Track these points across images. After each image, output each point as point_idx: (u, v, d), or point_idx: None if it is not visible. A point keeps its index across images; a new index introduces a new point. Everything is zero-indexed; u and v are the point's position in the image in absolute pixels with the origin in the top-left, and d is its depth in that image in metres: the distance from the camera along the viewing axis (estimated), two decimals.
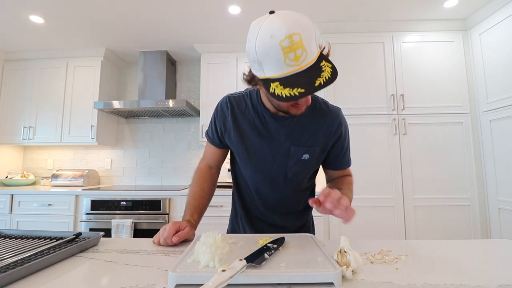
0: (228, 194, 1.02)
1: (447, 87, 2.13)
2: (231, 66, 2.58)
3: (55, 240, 0.68)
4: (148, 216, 2.16)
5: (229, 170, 0.96)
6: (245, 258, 0.48)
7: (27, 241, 0.67)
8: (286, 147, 0.80)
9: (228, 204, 1.00)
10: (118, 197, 2.20)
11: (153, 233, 0.74)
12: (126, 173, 2.88)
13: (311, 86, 0.58)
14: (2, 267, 0.48)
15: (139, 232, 2.13)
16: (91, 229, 2.17)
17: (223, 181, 2.31)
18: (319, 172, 0.94)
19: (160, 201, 2.18)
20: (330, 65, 0.60)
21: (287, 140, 0.80)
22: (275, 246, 0.59)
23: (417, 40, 2.20)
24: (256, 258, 0.50)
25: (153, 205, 2.18)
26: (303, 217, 0.94)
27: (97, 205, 2.20)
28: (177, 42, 2.58)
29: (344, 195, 0.64)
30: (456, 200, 2.04)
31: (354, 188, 0.89)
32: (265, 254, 0.53)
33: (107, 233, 2.09)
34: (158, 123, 2.93)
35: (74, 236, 0.69)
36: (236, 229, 0.96)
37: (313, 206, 0.64)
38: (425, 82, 2.14)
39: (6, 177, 2.68)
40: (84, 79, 2.65)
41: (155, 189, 2.29)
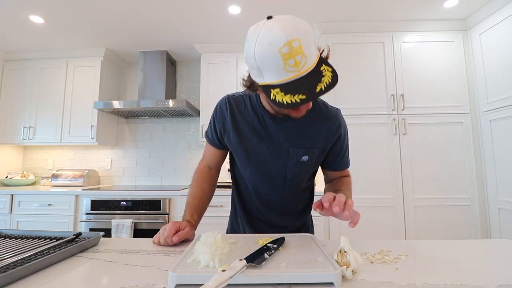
0: (228, 194, 1.02)
1: (447, 87, 2.13)
2: (231, 66, 2.59)
3: (55, 240, 0.68)
4: (148, 216, 2.16)
5: (229, 170, 0.96)
6: (245, 258, 0.48)
7: (27, 241, 0.67)
8: (285, 148, 0.80)
9: (228, 204, 1.00)
10: (118, 197, 2.20)
11: (153, 233, 0.74)
12: (126, 173, 2.88)
13: (312, 92, 0.57)
14: (2, 267, 0.48)
15: (139, 232, 2.13)
16: (91, 229, 2.17)
17: (223, 181, 2.31)
18: (318, 172, 0.94)
19: (160, 201, 2.18)
20: (330, 69, 0.60)
21: (287, 142, 0.80)
22: (275, 246, 0.59)
23: (417, 40, 2.20)
24: (256, 258, 0.50)
25: (153, 205, 2.18)
26: (302, 217, 0.95)
27: (97, 205, 2.20)
28: (177, 42, 2.58)
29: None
30: (456, 200, 2.04)
31: (354, 188, 0.89)
32: (265, 254, 0.53)
33: (107, 233, 2.09)
34: (158, 123, 2.93)
35: (74, 236, 0.69)
36: (236, 229, 0.96)
37: (317, 211, 0.64)
38: (425, 82, 2.14)
39: (6, 177, 2.68)
40: (84, 79, 2.65)
41: (155, 189, 2.29)
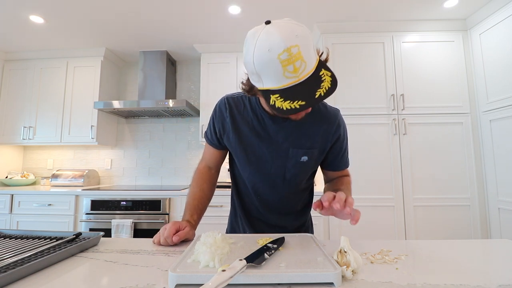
0: (228, 194, 1.02)
1: (447, 87, 2.13)
2: (231, 66, 2.59)
3: (55, 240, 0.68)
4: (148, 216, 2.16)
5: (229, 170, 0.96)
6: (245, 258, 0.48)
7: (27, 241, 0.67)
8: (285, 149, 0.80)
9: (228, 204, 1.00)
10: (118, 197, 2.20)
11: (153, 233, 0.74)
12: (126, 173, 2.88)
13: (311, 99, 0.57)
14: (2, 267, 0.48)
15: (139, 232, 2.13)
16: (91, 229, 2.17)
17: (223, 181, 2.31)
18: (318, 172, 0.94)
19: (160, 201, 2.18)
20: (329, 73, 0.60)
21: (286, 142, 0.80)
22: (275, 246, 0.59)
23: (417, 40, 2.19)
24: (256, 258, 0.50)
25: (153, 205, 2.18)
26: (302, 217, 0.95)
27: (97, 205, 2.20)
28: (177, 42, 2.58)
29: None
30: (456, 200, 2.04)
31: (354, 188, 0.90)
32: (265, 254, 0.53)
33: (107, 233, 2.09)
34: (158, 123, 2.93)
35: (74, 236, 0.69)
36: (235, 229, 0.96)
37: (317, 211, 0.64)
38: (425, 82, 2.14)
39: (6, 177, 2.68)
40: (84, 79, 2.65)
41: (155, 189, 2.29)
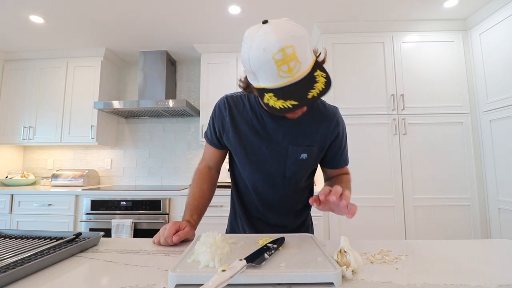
0: (228, 194, 1.02)
1: (447, 87, 2.13)
2: (231, 66, 2.59)
3: (55, 240, 0.68)
4: (148, 216, 2.16)
5: (229, 170, 0.96)
6: (245, 258, 0.48)
7: (27, 241, 0.67)
8: (284, 146, 0.80)
9: (228, 204, 1.00)
10: (118, 197, 2.20)
11: (153, 233, 0.74)
12: (126, 173, 2.88)
13: (304, 99, 0.58)
14: (2, 267, 0.48)
15: (139, 232, 2.13)
16: (91, 229, 2.17)
17: (223, 181, 2.31)
18: (318, 172, 0.94)
19: (160, 201, 2.18)
20: (324, 75, 0.61)
21: (285, 140, 0.80)
22: (275, 246, 0.59)
23: (417, 40, 2.19)
24: (256, 258, 0.50)
25: (153, 205, 2.18)
26: (302, 216, 0.95)
27: (97, 205, 2.20)
28: (177, 42, 2.58)
29: None
30: (456, 200, 2.04)
31: (354, 188, 0.90)
32: (265, 254, 0.53)
33: (107, 233, 2.09)
34: (158, 123, 2.93)
35: (74, 236, 0.69)
36: (235, 229, 0.96)
37: (313, 205, 0.64)
38: (425, 82, 2.14)
39: (6, 177, 2.68)
40: (84, 79, 2.65)
41: (155, 189, 2.29)
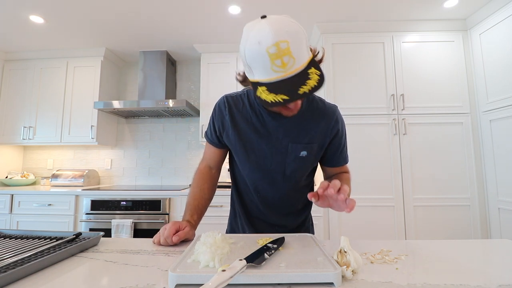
0: (228, 194, 1.02)
1: (447, 87, 2.13)
2: (231, 66, 2.58)
3: (55, 240, 0.68)
4: (148, 216, 2.16)
5: (229, 170, 0.97)
6: (245, 258, 0.48)
7: (27, 241, 0.67)
8: (284, 144, 0.81)
9: (228, 204, 1.00)
10: (118, 197, 2.20)
11: (153, 233, 0.74)
12: (126, 173, 2.88)
13: (294, 94, 0.59)
14: (2, 267, 0.48)
15: (139, 232, 2.13)
16: (91, 229, 2.17)
17: (223, 181, 2.31)
18: (319, 172, 0.94)
19: (160, 201, 2.18)
20: (318, 73, 0.61)
21: (285, 138, 0.80)
22: (275, 246, 0.59)
23: (417, 40, 2.19)
24: (256, 258, 0.50)
25: (153, 205, 2.18)
26: (302, 216, 0.95)
27: (97, 205, 2.20)
28: (177, 42, 2.58)
29: None
30: (456, 200, 2.04)
31: (354, 188, 0.90)
32: (265, 254, 0.53)
33: (107, 233, 2.09)
34: (158, 123, 2.93)
35: (74, 236, 0.69)
36: (235, 229, 0.96)
37: (312, 200, 0.64)
38: (425, 82, 2.14)
39: (6, 177, 2.68)
40: (84, 79, 2.65)
41: (155, 189, 2.29)
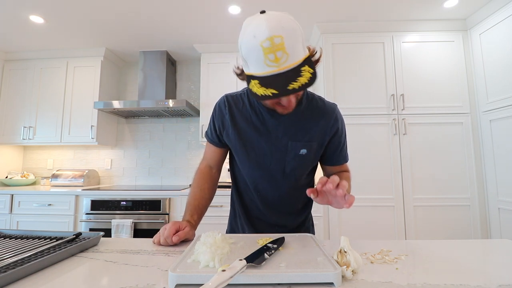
0: (228, 194, 1.02)
1: (447, 87, 2.13)
2: (231, 66, 2.53)
3: (55, 240, 0.68)
4: (148, 216, 2.16)
5: (229, 170, 0.97)
6: (245, 258, 0.48)
7: (27, 241, 0.67)
8: (284, 142, 0.81)
9: (228, 204, 1.00)
10: (118, 197, 2.20)
11: (153, 233, 0.74)
12: (126, 173, 2.88)
13: (284, 89, 0.60)
14: (2, 267, 0.48)
15: (139, 232, 2.13)
16: (91, 229, 2.17)
17: (223, 181, 2.31)
18: (319, 171, 0.94)
19: (160, 201, 2.18)
20: (311, 71, 0.62)
21: (285, 136, 0.81)
22: (275, 246, 0.59)
23: (417, 40, 2.19)
24: (256, 258, 0.50)
25: (153, 205, 2.18)
26: (302, 216, 0.95)
27: (97, 205, 2.20)
28: (177, 42, 2.57)
29: None
30: (456, 200, 2.04)
31: (354, 188, 0.90)
32: (265, 254, 0.53)
33: (107, 233, 2.09)
34: (158, 123, 2.93)
35: (74, 236, 0.69)
36: (235, 229, 0.96)
37: (311, 196, 0.64)
38: (425, 82, 2.14)
39: (6, 177, 2.68)
40: (84, 79, 2.65)
41: (155, 189, 2.29)
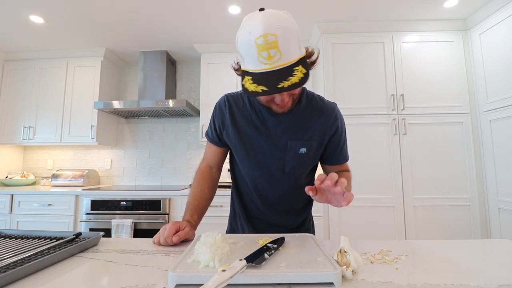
0: (228, 194, 1.02)
1: (447, 87, 2.13)
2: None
3: (55, 240, 0.68)
4: (148, 216, 2.16)
5: (229, 170, 0.97)
6: (245, 258, 0.48)
7: (27, 241, 0.67)
8: (284, 141, 0.81)
9: (228, 204, 1.00)
10: (118, 197, 2.20)
11: (153, 233, 0.74)
12: (126, 173, 2.88)
13: (273, 87, 0.61)
14: (2, 267, 0.48)
15: (139, 232, 2.13)
16: (91, 229, 2.17)
17: (223, 181, 2.31)
18: (318, 170, 0.94)
19: (160, 201, 2.18)
20: (304, 71, 0.62)
21: (285, 135, 0.81)
22: (275, 246, 0.59)
23: (417, 40, 2.19)
24: (256, 258, 0.50)
25: (153, 205, 2.18)
26: (302, 216, 0.95)
27: (97, 205, 2.20)
28: (177, 42, 2.57)
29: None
30: (456, 200, 2.04)
31: (354, 188, 0.90)
32: (265, 254, 0.53)
33: (107, 233, 2.09)
34: (158, 123, 2.93)
35: (74, 236, 0.69)
36: (235, 229, 0.96)
37: (310, 194, 0.64)
38: (425, 82, 2.14)
39: (6, 177, 2.68)
40: (84, 79, 2.65)
41: (155, 189, 2.29)
